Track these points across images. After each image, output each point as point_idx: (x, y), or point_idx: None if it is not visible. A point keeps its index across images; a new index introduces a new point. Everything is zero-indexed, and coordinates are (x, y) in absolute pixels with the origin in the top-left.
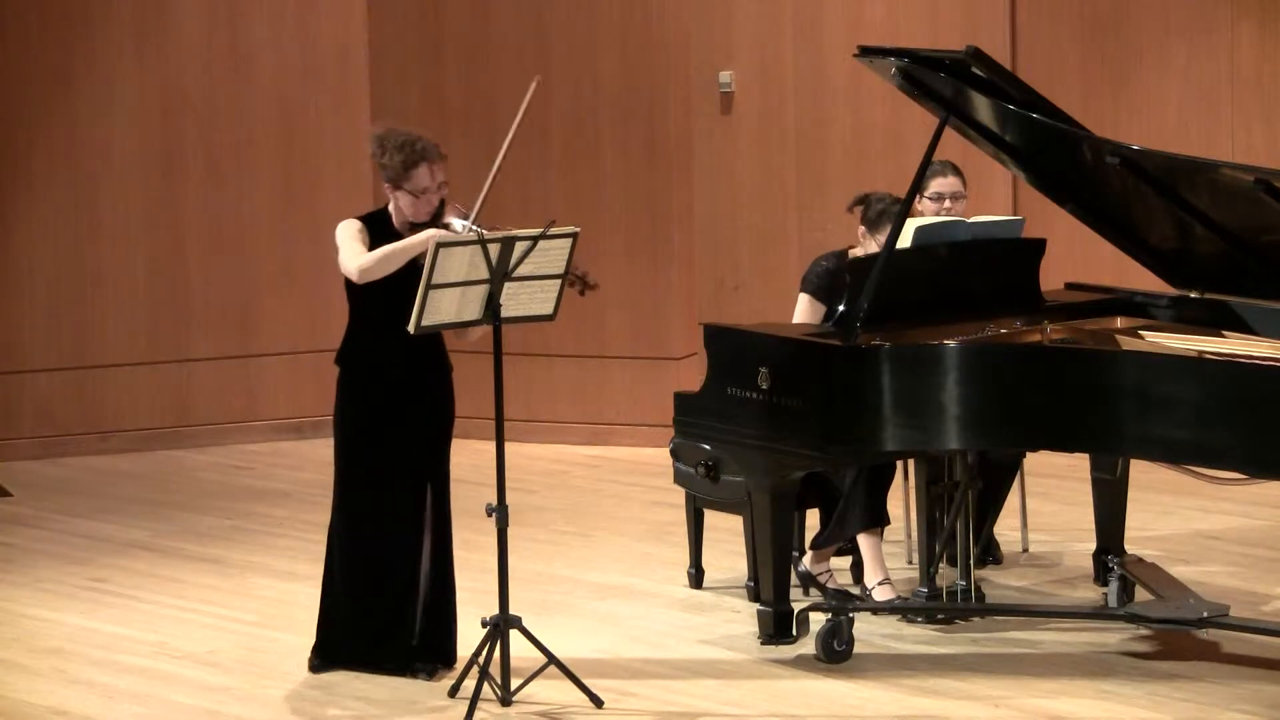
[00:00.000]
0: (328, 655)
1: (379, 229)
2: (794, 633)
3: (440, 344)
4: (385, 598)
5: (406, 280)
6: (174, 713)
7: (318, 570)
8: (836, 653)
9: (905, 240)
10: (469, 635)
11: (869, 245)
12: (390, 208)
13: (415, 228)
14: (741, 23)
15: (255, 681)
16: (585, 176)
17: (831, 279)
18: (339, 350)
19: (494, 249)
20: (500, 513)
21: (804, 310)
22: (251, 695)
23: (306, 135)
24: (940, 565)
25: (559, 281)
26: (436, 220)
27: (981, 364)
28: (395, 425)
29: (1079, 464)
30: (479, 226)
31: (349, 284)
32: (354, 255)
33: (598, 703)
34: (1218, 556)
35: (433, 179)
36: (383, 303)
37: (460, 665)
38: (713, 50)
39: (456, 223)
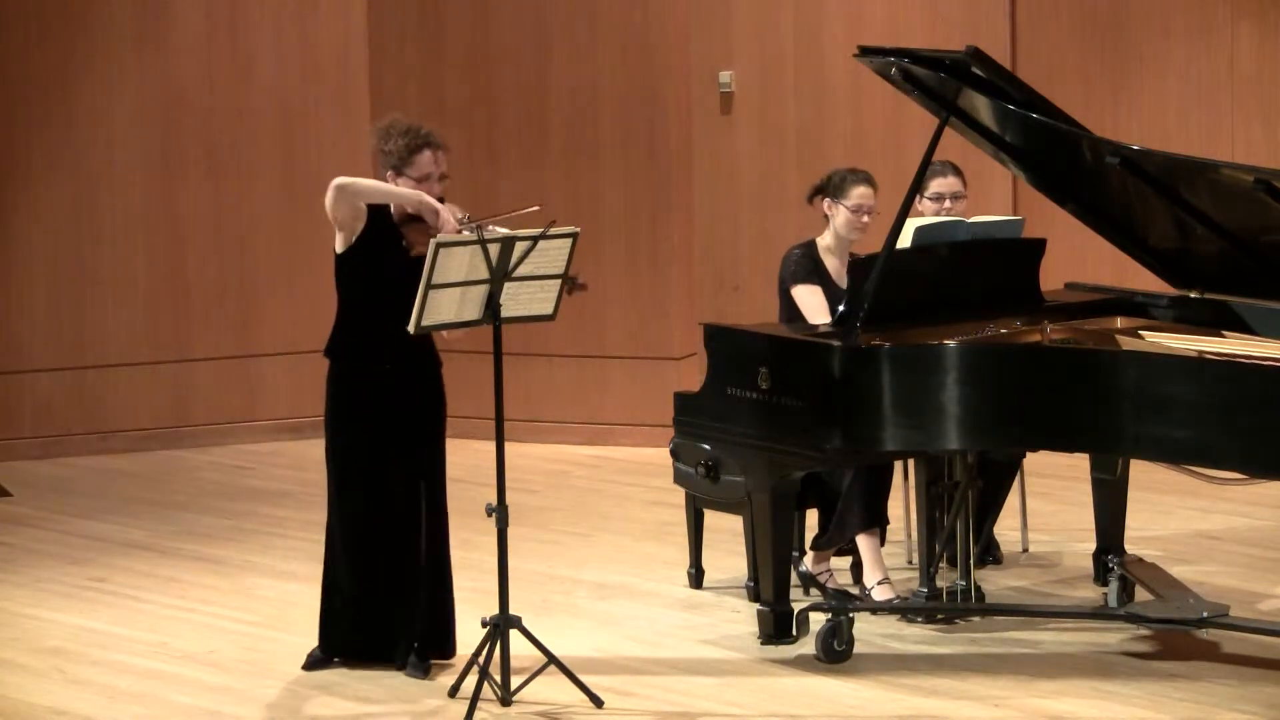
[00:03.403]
0: (330, 651)
1: (378, 219)
2: (794, 633)
3: (430, 338)
4: (383, 595)
5: (397, 272)
6: (174, 713)
7: (318, 570)
8: (836, 653)
9: (905, 240)
10: (469, 635)
11: (836, 215)
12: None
13: (412, 220)
14: (741, 23)
15: (255, 681)
16: (585, 176)
17: (810, 261)
18: (328, 342)
19: (494, 249)
20: (500, 513)
21: (808, 298)
22: (251, 695)
23: (306, 135)
24: (940, 565)
25: (559, 281)
26: None
27: (981, 364)
28: (386, 420)
29: (1079, 464)
30: (472, 222)
31: (339, 274)
32: (348, 176)
33: (598, 703)
34: (1218, 556)
35: (436, 166)
36: (373, 294)
37: (460, 665)
38: (713, 50)
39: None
